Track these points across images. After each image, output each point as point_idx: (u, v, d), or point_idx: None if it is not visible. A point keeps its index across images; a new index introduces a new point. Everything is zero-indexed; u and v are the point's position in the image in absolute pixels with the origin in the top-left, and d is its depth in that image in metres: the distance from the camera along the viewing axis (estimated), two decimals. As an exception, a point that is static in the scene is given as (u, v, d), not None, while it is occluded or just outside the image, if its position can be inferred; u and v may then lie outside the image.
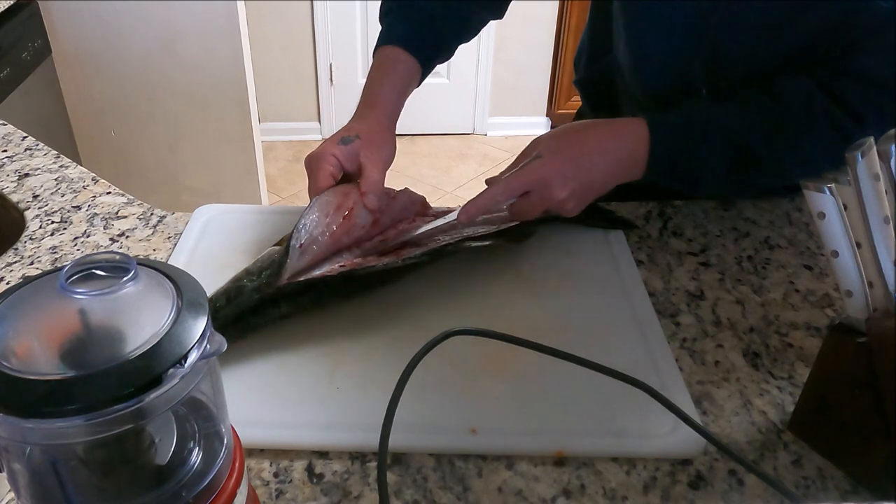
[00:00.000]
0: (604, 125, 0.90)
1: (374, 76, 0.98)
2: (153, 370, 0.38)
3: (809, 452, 0.66)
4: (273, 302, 0.75)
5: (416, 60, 0.99)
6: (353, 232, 0.83)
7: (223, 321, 0.72)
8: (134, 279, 0.42)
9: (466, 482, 0.63)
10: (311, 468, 0.64)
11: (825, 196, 0.57)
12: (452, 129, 4.27)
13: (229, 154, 2.98)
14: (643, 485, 0.63)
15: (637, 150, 0.87)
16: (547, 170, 0.84)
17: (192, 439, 0.47)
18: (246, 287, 0.75)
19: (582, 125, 0.90)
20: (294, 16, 3.82)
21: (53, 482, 0.43)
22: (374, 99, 0.95)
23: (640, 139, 0.87)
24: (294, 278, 0.77)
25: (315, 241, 0.80)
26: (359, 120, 0.93)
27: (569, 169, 0.85)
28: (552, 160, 0.85)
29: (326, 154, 0.86)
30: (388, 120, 0.94)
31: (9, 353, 0.38)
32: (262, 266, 0.77)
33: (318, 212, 0.81)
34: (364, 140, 0.88)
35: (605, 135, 0.88)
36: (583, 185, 0.86)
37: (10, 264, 0.88)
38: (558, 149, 0.87)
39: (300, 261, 0.78)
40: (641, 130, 0.87)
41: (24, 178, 1.06)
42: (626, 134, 0.88)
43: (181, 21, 2.65)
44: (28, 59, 2.30)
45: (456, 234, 0.88)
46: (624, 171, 0.88)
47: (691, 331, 0.80)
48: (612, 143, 0.88)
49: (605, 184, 0.88)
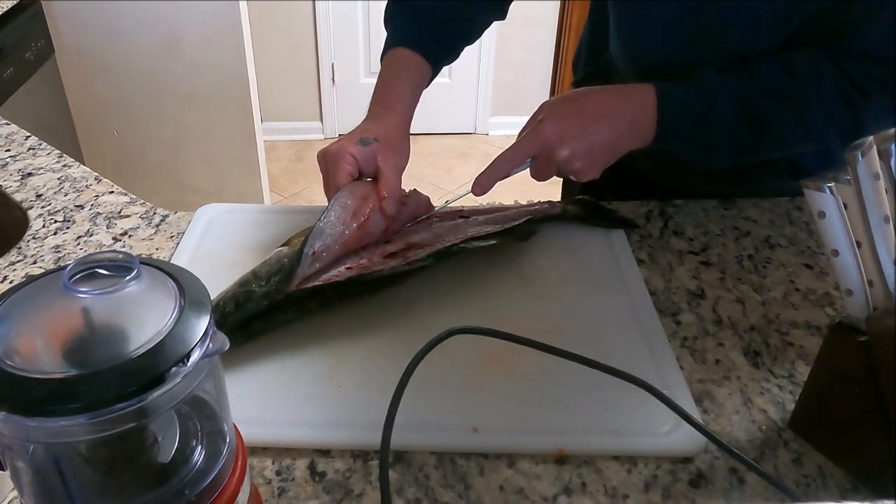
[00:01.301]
0: (611, 90, 0.90)
1: (387, 77, 0.97)
2: (156, 369, 0.38)
3: (809, 451, 0.66)
4: (281, 308, 0.75)
5: (425, 61, 0.98)
6: (364, 239, 0.84)
7: (232, 326, 0.72)
8: (136, 278, 0.42)
9: (468, 480, 0.63)
10: (313, 466, 0.64)
11: (825, 195, 0.57)
12: (454, 128, 4.27)
13: (232, 153, 2.99)
14: (644, 483, 0.63)
15: (645, 115, 0.86)
16: (547, 132, 0.85)
17: (194, 438, 0.47)
18: (255, 292, 0.75)
19: (589, 90, 0.90)
20: (296, 16, 3.83)
21: (56, 480, 0.43)
22: (389, 100, 0.95)
23: (648, 104, 0.86)
24: (302, 284, 0.77)
25: (327, 248, 0.80)
26: (375, 121, 0.92)
27: (569, 129, 0.85)
28: (552, 121, 0.85)
29: (345, 153, 0.85)
30: (404, 123, 0.94)
31: (12, 352, 0.39)
32: (270, 271, 0.77)
33: (335, 218, 0.81)
34: (382, 143, 0.88)
35: (611, 98, 0.88)
36: (586, 145, 0.85)
37: (14, 263, 0.88)
38: (559, 111, 0.87)
39: (311, 268, 0.78)
40: (650, 96, 0.87)
41: (27, 177, 1.07)
42: (633, 98, 0.88)
43: (184, 21, 2.66)
44: (31, 59, 2.30)
45: (460, 234, 0.88)
46: (631, 134, 0.87)
47: (692, 329, 0.80)
48: (617, 106, 0.87)
49: (612, 146, 0.87)
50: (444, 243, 0.86)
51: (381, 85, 0.97)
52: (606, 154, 0.87)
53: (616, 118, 0.87)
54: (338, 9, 3.82)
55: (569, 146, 0.84)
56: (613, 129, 0.86)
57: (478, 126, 4.28)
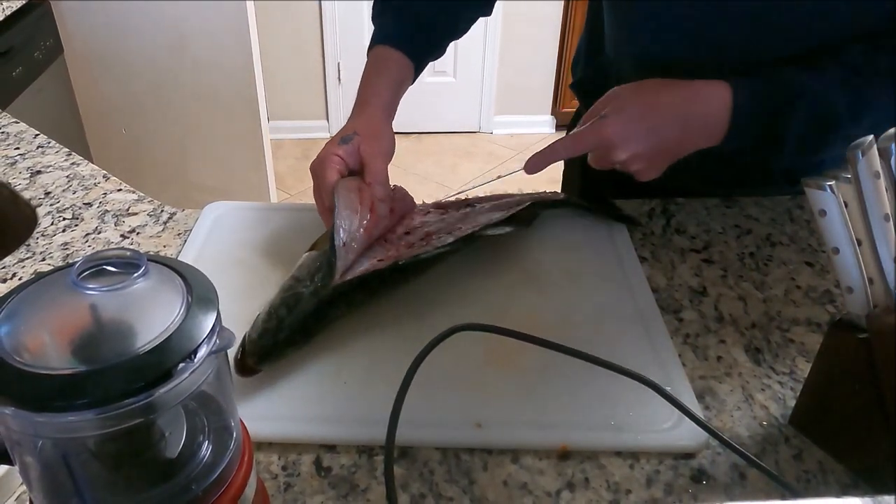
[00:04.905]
0: (683, 87, 0.84)
1: (368, 76, 0.99)
2: (163, 365, 0.39)
3: (810, 447, 0.66)
4: (330, 303, 0.76)
5: (408, 59, 0.99)
6: (380, 223, 0.85)
7: (290, 330, 0.72)
8: (144, 275, 0.42)
9: (472, 475, 0.63)
10: (318, 462, 0.64)
11: (826, 194, 0.58)
12: (458, 127, 4.28)
13: (238, 152, 2.99)
14: (646, 478, 0.63)
15: (718, 116, 0.82)
16: (608, 132, 0.82)
17: (201, 433, 0.48)
18: (302, 294, 0.75)
19: (660, 84, 0.86)
20: (303, 15, 3.83)
21: (64, 475, 0.43)
22: (368, 97, 0.96)
23: (722, 104, 0.82)
24: (343, 276, 0.77)
25: (353, 237, 0.81)
26: (355, 118, 0.93)
27: (632, 131, 0.82)
28: (616, 121, 0.82)
29: (330, 155, 0.86)
30: (383, 114, 0.94)
31: (21, 348, 0.39)
32: (311, 271, 0.77)
33: (346, 209, 0.82)
34: (362, 135, 0.89)
35: (683, 98, 0.84)
36: (651, 149, 0.83)
37: (23, 260, 0.89)
38: (626, 109, 0.83)
39: (346, 259, 0.79)
40: (724, 94, 0.82)
41: (36, 175, 1.07)
42: (706, 98, 0.83)
43: (191, 21, 2.67)
44: (40, 59, 2.31)
45: (473, 223, 0.88)
46: (703, 136, 0.84)
47: (694, 326, 0.80)
48: (689, 108, 0.83)
49: (682, 148, 0.85)
50: (463, 231, 0.86)
51: (362, 85, 0.98)
52: (671, 156, 0.85)
53: (688, 120, 0.83)
54: (344, 8, 3.82)
55: (631, 148, 0.82)
56: (684, 131, 0.83)
57: (482, 125, 4.28)
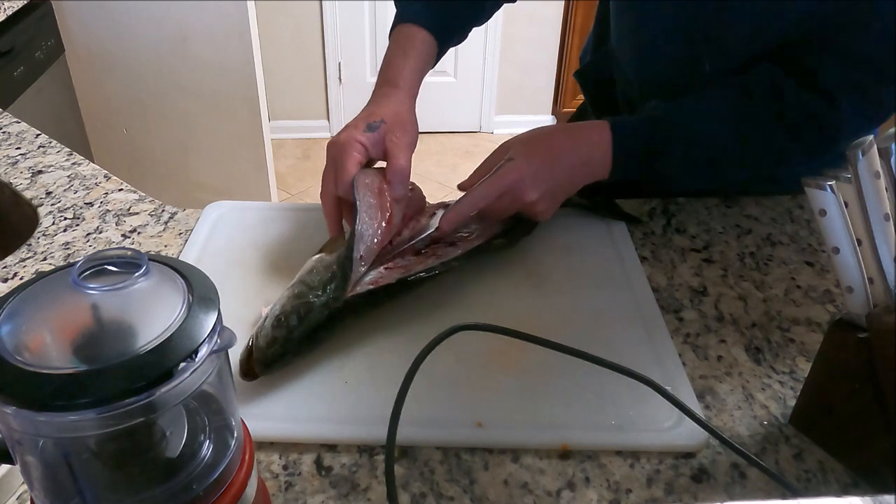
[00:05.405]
0: (568, 129, 0.92)
1: (394, 53, 0.96)
2: (164, 364, 0.39)
3: (810, 446, 0.66)
4: (339, 315, 0.75)
5: (433, 39, 0.97)
6: (393, 230, 0.84)
7: (299, 338, 0.72)
8: (145, 275, 0.42)
9: (473, 475, 0.63)
10: (319, 461, 0.64)
11: (826, 193, 0.58)
12: (459, 126, 4.28)
13: (239, 151, 3.00)
14: (647, 478, 0.63)
15: (601, 153, 0.89)
16: (521, 172, 0.85)
17: (202, 432, 0.48)
18: (314, 303, 0.74)
19: (549, 129, 0.92)
20: (303, 15, 3.84)
21: (66, 475, 0.43)
22: (396, 77, 0.93)
23: (603, 142, 0.89)
24: (354, 289, 0.77)
25: (370, 249, 0.80)
26: (381, 101, 0.91)
27: (540, 171, 0.86)
28: (525, 162, 0.86)
29: (353, 141, 0.84)
30: (410, 101, 0.93)
31: (22, 348, 0.39)
32: (322, 279, 0.77)
33: (368, 218, 0.81)
34: (389, 124, 0.87)
35: (569, 138, 0.90)
36: (553, 187, 0.88)
37: (24, 260, 0.89)
38: (529, 152, 0.87)
39: (359, 271, 0.79)
40: (605, 134, 0.89)
41: (37, 175, 1.07)
42: (589, 137, 0.90)
43: (192, 21, 2.67)
44: (41, 58, 2.31)
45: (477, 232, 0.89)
46: (589, 172, 0.90)
47: (694, 326, 0.80)
48: (576, 146, 0.89)
49: (572, 185, 0.90)
50: (469, 242, 0.86)
51: (386, 62, 0.95)
52: (567, 194, 0.91)
53: (576, 158, 0.89)
54: (345, 8, 3.83)
55: (540, 187, 0.86)
56: (573, 168, 0.89)
57: (483, 124, 4.28)
